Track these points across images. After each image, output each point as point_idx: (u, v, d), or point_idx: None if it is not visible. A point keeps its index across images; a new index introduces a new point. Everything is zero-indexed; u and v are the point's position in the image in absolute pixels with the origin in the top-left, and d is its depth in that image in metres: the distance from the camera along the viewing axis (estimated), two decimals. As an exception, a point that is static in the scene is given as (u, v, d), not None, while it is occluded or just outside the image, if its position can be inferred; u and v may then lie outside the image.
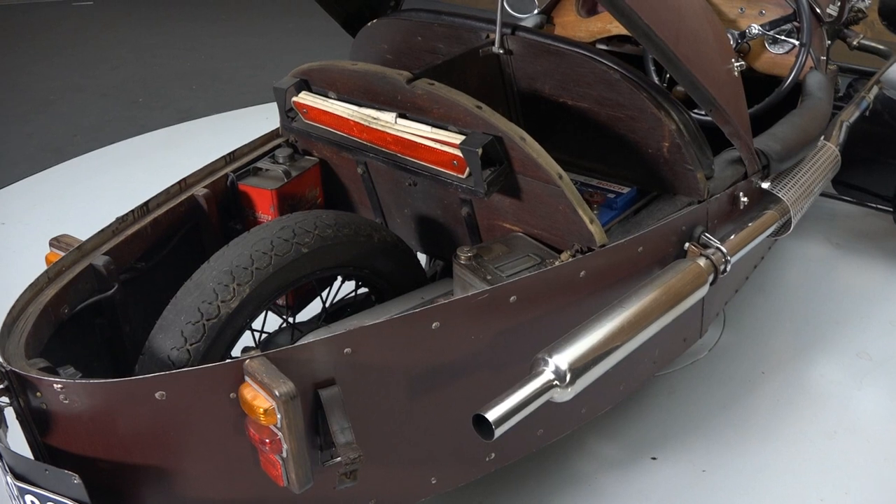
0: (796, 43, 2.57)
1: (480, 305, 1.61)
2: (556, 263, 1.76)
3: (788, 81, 2.51)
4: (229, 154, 2.24)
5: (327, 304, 2.13)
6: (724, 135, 2.00)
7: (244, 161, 2.24)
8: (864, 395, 2.59)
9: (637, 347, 1.69)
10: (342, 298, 2.18)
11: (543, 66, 2.00)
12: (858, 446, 2.39)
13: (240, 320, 1.71)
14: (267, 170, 2.21)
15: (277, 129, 2.33)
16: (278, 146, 2.33)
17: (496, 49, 2.03)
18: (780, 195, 2.16)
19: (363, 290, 2.17)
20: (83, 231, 3.66)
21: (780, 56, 2.68)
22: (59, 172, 4.39)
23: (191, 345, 1.64)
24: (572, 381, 1.54)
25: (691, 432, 2.45)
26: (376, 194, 2.22)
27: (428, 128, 1.81)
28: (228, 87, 5.73)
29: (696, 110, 2.55)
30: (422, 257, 2.43)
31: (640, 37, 1.64)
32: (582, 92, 1.97)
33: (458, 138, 1.75)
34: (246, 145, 2.30)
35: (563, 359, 1.54)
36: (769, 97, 2.54)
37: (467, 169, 1.75)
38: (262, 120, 5.09)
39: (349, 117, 1.94)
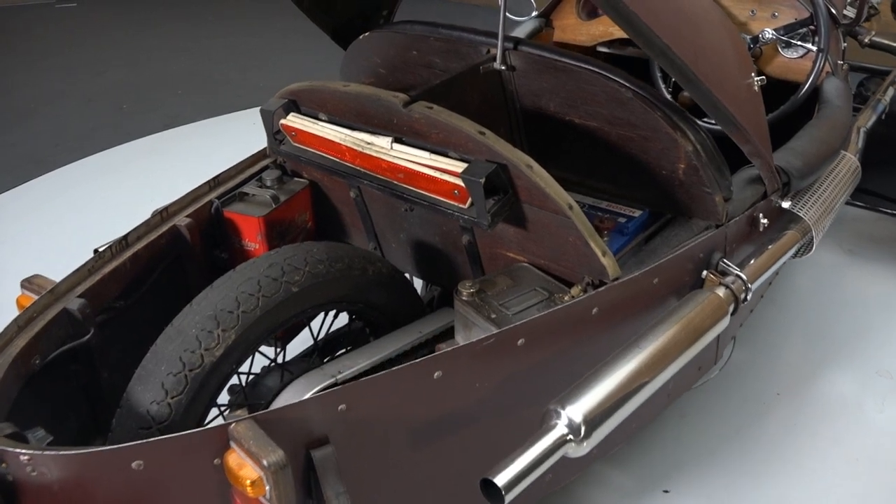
0: (812, 48, 2.43)
1: (486, 351, 1.48)
2: (566, 299, 1.63)
3: (805, 89, 2.38)
4: (213, 179, 2.11)
5: (319, 337, 2.01)
6: (742, 151, 1.88)
7: (229, 186, 2.11)
8: (885, 417, 2.48)
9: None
10: (335, 330, 2.05)
11: (549, 82, 1.87)
12: (882, 475, 2.27)
13: (225, 367, 1.58)
14: (253, 195, 2.08)
15: (265, 149, 2.20)
16: (266, 167, 2.20)
17: (498, 65, 1.89)
18: (800, 214, 2.03)
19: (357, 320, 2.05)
20: (66, 247, 3.55)
21: (794, 61, 2.54)
22: (41, 185, 4.24)
23: (172, 398, 1.51)
24: (588, 435, 1.41)
25: (705, 461, 2.33)
26: (370, 218, 2.09)
27: (426, 154, 1.68)
28: (218, 90, 5.58)
29: (705, 119, 2.43)
30: (418, 282, 2.30)
31: (658, 56, 1.51)
32: (590, 110, 1.84)
33: (459, 166, 1.62)
34: (232, 168, 2.16)
35: (576, 410, 1.41)
36: (784, 105, 2.41)
37: (469, 199, 1.62)
38: (251, 125, 4.96)
39: (341, 142, 1.80)
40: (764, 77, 1.81)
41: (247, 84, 5.69)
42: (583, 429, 1.40)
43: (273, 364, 1.85)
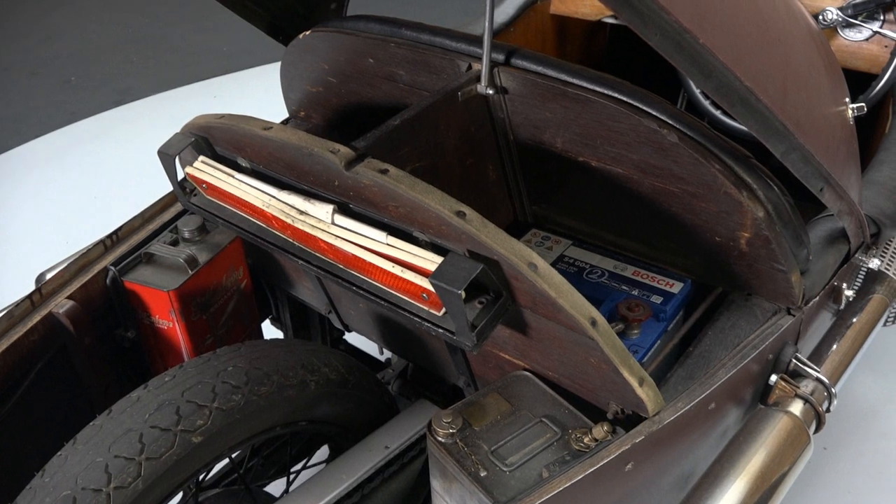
0: (891, 35, 1.88)
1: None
2: (587, 442, 1.13)
3: (881, 86, 1.84)
4: (111, 235, 1.59)
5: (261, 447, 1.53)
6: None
7: (133, 242, 1.59)
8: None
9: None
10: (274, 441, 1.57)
11: (556, 113, 1.34)
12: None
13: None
14: (164, 255, 1.56)
15: (181, 189, 1.67)
16: (184, 212, 1.68)
17: (483, 89, 1.36)
18: (890, 272, 1.53)
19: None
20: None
21: (857, 44, 1.99)
22: (-30, 180, 3.72)
23: None
24: None
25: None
26: (319, 280, 1.58)
27: (382, 235, 1.16)
28: (173, 58, 4.96)
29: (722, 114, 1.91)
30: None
31: (735, 104, 0.98)
32: (615, 153, 1.32)
33: (429, 260, 1.10)
34: (137, 217, 1.64)
35: None
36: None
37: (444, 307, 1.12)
38: (211, 98, 4.40)
39: (265, 207, 1.28)
40: (864, 105, 1.29)
41: (208, 48, 5.07)
42: None
43: (185, 499, 1.36)
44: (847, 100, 1.29)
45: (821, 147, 1.13)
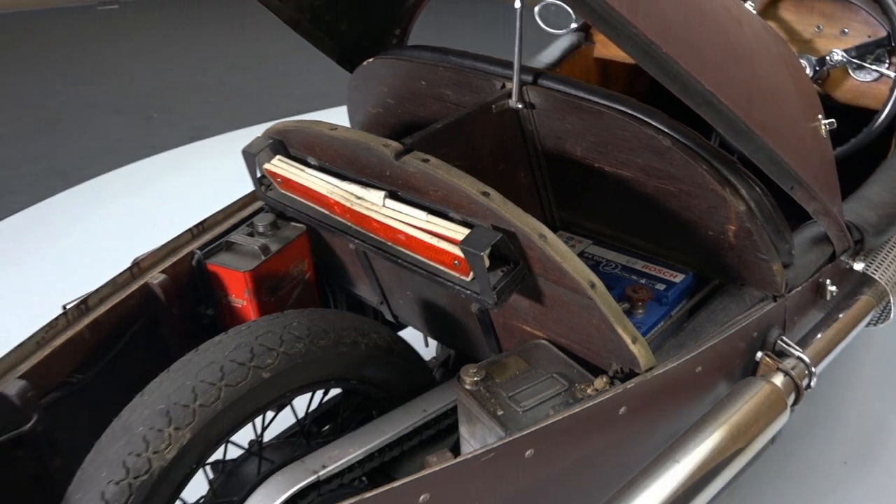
0: (890, 74, 2.10)
1: (485, 466, 1.22)
2: (589, 392, 1.35)
3: (881, 120, 2.05)
4: (198, 225, 1.87)
5: (310, 410, 1.76)
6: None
7: (216, 233, 1.87)
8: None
9: None
10: (329, 399, 1.81)
11: (574, 124, 1.59)
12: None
13: (181, 470, 1.34)
14: (241, 244, 1.84)
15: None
16: (260, 210, 1.96)
17: (514, 103, 1.62)
18: (875, 276, 1.72)
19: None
20: (89, 269, 3.38)
21: (867, 84, 2.21)
22: (63, 201, 4.10)
23: (114, 511, 1.27)
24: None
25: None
26: (373, 271, 1.83)
27: (423, 214, 1.42)
28: (248, 100, 5.38)
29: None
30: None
31: (701, 105, 1.22)
32: (623, 158, 1.56)
33: (459, 231, 1.35)
34: (220, 212, 1.93)
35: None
36: (855, 139, 2.08)
37: (472, 272, 1.36)
38: (280, 137, 4.75)
39: (329, 194, 1.55)
40: (833, 121, 1.51)
41: (281, 92, 5.48)
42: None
43: (251, 447, 1.61)
44: (820, 116, 1.51)
45: (789, 150, 1.35)
